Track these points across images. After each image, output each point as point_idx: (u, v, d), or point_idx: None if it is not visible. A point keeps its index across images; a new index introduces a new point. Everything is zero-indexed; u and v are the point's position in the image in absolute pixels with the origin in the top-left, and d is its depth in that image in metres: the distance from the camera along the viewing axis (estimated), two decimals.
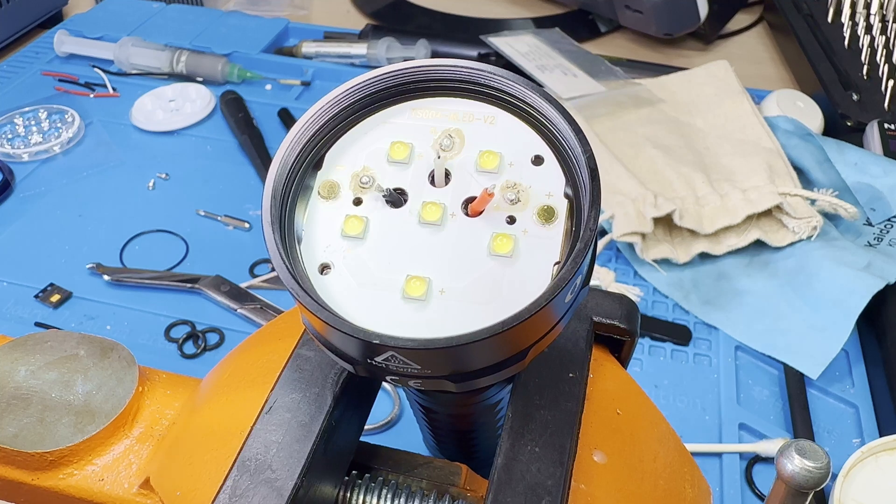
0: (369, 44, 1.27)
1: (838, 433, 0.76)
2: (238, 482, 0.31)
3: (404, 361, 0.25)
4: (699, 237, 0.89)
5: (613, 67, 1.17)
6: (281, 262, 0.26)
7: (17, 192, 1.04)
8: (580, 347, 0.36)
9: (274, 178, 0.27)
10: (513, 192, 0.27)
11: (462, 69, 0.28)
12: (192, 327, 0.85)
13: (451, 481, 0.39)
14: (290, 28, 1.38)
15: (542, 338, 0.27)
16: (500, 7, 1.51)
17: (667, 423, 0.38)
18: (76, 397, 0.40)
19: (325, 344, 0.28)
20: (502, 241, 0.27)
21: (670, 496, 0.35)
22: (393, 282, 0.27)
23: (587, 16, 1.44)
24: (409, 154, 0.28)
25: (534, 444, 0.32)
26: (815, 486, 0.34)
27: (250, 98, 1.19)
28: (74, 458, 0.39)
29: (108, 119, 1.17)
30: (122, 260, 0.94)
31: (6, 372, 0.41)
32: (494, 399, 0.39)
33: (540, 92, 0.27)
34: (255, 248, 0.95)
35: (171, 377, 0.43)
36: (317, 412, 0.34)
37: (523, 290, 0.26)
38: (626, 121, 1.03)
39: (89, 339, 0.43)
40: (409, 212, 0.28)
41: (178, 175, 1.07)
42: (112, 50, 1.25)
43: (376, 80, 0.29)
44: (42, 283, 0.89)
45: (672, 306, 0.88)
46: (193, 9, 1.44)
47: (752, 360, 0.83)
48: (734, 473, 0.72)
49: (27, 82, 1.25)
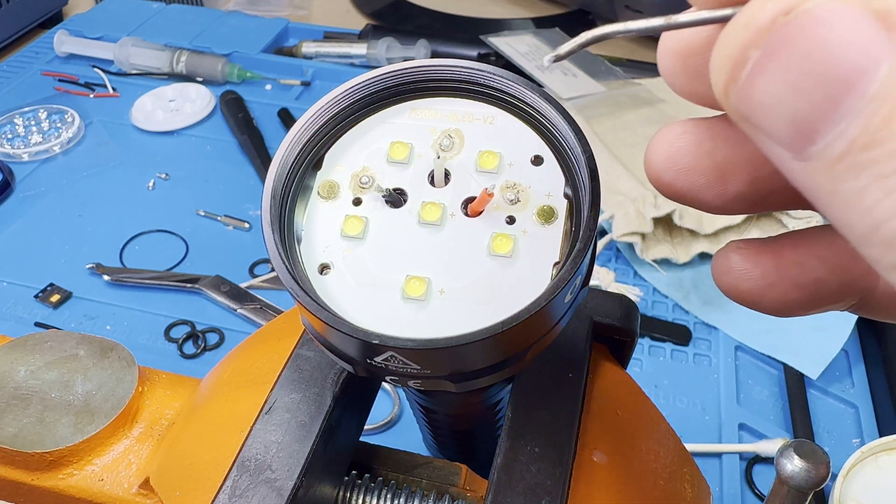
0: (369, 44, 1.27)
1: (838, 433, 0.76)
2: (238, 482, 0.31)
3: (404, 361, 0.25)
4: (699, 237, 0.89)
5: (613, 67, 1.17)
6: (280, 263, 0.26)
7: (17, 192, 1.04)
8: (580, 348, 0.36)
9: (273, 178, 0.27)
10: (512, 193, 0.27)
11: (462, 69, 0.28)
12: (192, 327, 0.85)
13: (451, 481, 0.39)
14: (290, 28, 1.38)
15: (542, 338, 0.27)
16: (500, 7, 1.51)
17: (667, 423, 0.38)
18: (76, 397, 0.40)
19: (324, 344, 0.28)
20: (502, 241, 0.27)
21: (670, 496, 0.35)
22: (392, 282, 0.27)
23: (587, 16, 1.44)
24: (408, 154, 0.28)
25: (534, 444, 0.32)
26: (815, 486, 0.34)
27: (250, 98, 1.19)
28: (74, 458, 0.39)
29: (108, 119, 1.17)
30: (122, 260, 0.94)
31: (6, 372, 0.41)
32: (494, 399, 0.39)
33: (540, 92, 0.27)
34: (255, 248, 0.95)
35: (170, 377, 0.43)
36: (316, 412, 0.34)
37: (523, 291, 0.26)
38: (626, 121, 1.03)
39: (89, 339, 0.43)
40: (409, 212, 0.28)
41: (178, 175, 1.07)
42: (112, 50, 1.25)
43: (376, 80, 0.29)
44: (42, 283, 0.89)
45: (672, 306, 0.88)
46: (193, 9, 1.44)
47: (752, 360, 0.83)
48: (734, 473, 0.72)
49: (27, 82, 1.25)
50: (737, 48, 0.17)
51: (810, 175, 0.17)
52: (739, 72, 0.17)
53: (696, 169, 0.22)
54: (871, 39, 0.15)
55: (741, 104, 0.17)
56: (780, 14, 0.16)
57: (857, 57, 0.15)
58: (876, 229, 0.16)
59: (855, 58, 0.16)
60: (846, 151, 0.16)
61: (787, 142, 0.17)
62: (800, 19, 0.16)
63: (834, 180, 0.16)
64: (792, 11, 0.16)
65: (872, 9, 0.15)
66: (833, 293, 0.22)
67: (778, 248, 0.23)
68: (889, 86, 0.15)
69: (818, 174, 0.17)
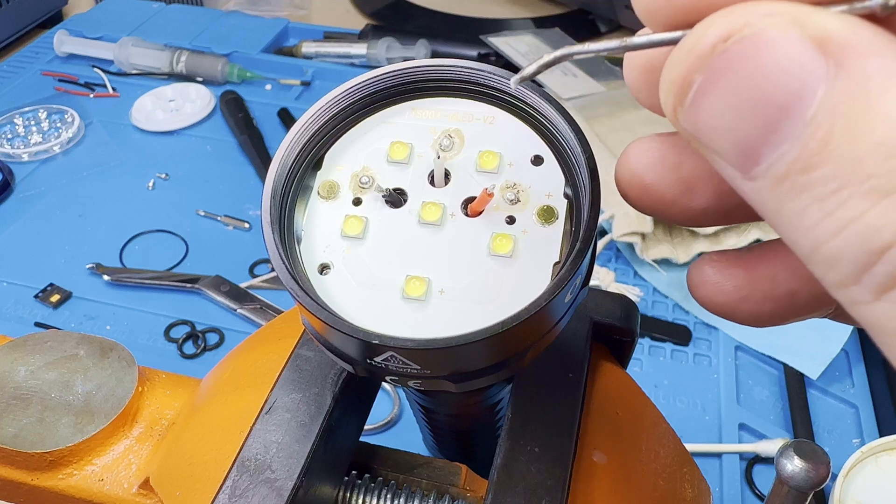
0: (369, 44, 1.27)
1: (838, 433, 0.76)
2: (238, 482, 0.31)
3: (404, 361, 0.25)
4: (699, 237, 0.89)
5: (613, 67, 1.17)
6: (280, 263, 0.26)
7: (17, 192, 1.04)
8: (580, 348, 0.36)
9: (273, 178, 0.27)
10: (512, 193, 0.27)
11: (462, 69, 0.28)
12: (191, 327, 0.85)
13: (451, 481, 0.38)
14: (290, 28, 1.38)
15: (542, 338, 0.27)
16: (500, 7, 1.51)
17: (666, 423, 0.38)
18: (76, 397, 0.40)
19: (324, 344, 0.28)
20: (502, 241, 0.27)
21: (670, 496, 0.35)
22: (392, 282, 0.27)
23: (587, 16, 1.44)
24: (408, 154, 0.28)
25: (534, 444, 0.32)
26: (815, 486, 0.34)
27: (250, 98, 1.19)
28: (74, 458, 0.39)
29: (108, 119, 1.17)
30: (122, 260, 0.94)
31: (6, 372, 0.41)
32: (494, 399, 0.39)
33: (540, 92, 0.27)
34: (255, 248, 0.95)
35: (170, 377, 0.43)
36: (316, 412, 0.33)
37: (523, 291, 0.26)
38: (626, 121, 1.03)
39: (89, 340, 0.43)
40: (409, 212, 0.28)
41: (178, 175, 1.07)
42: (112, 50, 1.25)
43: (376, 80, 0.29)
44: (42, 283, 0.89)
45: (672, 306, 0.88)
46: (193, 9, 1.44)
47: (752, 360, 0.83)
48: (734, 473, 0.71)
49: (27, 82, 1.25)
50: (681, 72, 0.17)
51: (757, 193, 0.17)
52: (685, 95, 0.17)
53: (662, 184, 0.22)
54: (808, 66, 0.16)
55: (689, 126, 0.18)
56: (720, 40, 0.17)
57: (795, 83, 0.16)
58: (817, 249, 0.16)
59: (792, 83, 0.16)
60: (786, 174, 0.16)
61: (734, 162, 0.17)
62: (739, 45, 0.16)
63: (778, 200, 0.17)
64: (731, 37, 0.16)
65: (810, 35, 0.16)
66: (807, 304, 0.23)
67: (751, 261, 0.23)
68: (825, 112, 0.15)
69: (764, 193, 0.17)
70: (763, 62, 0.16)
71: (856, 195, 0.15)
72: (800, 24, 0.16)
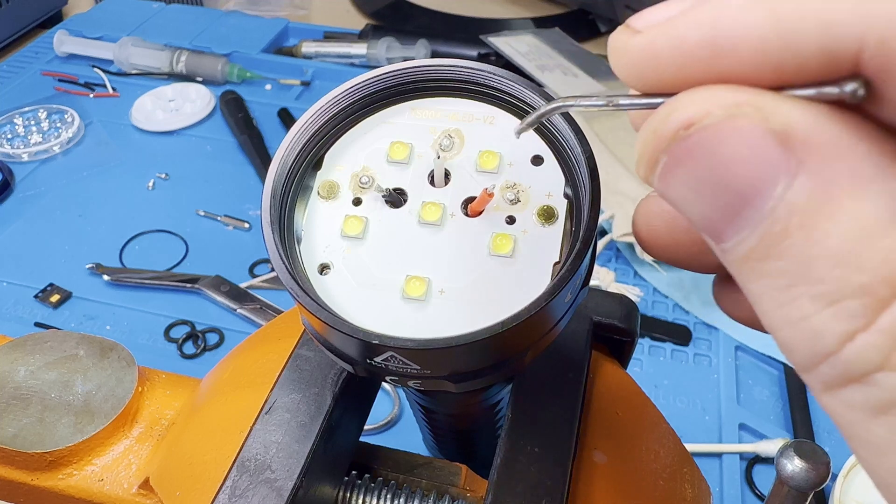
0: (369, 44, 1.27)
1: (838, 433, 0.76)
2: (238, 482, 0.31)
3: (404, 361, 0.25)
4: None
5: None
6: (280, 263, 0.26)
7: (17, 192, 1.04)
8: (580, 348, 0.36)
9: (273, 178, 0.27)
10: (512, 193, 0.27)
11: (462, 69, 0.28)
12: (191, 327, 0.85)
13: (451, 481, 0.38)
14: (290, 28, 1.38)
15: (542, 338, 0.27)
16: (500, 7, 1.51)
17: (667, 423, 0.38)
18: (76, 397, 0.40)
19: (324, 344, 0.28)
20: (502, 241, 0.27)
21: (670, 496, 0.35)
22: (392, 282, 0.27)
23: (587, 16, 1.44)
24: (408, 154, 0.28)
25: (534, 444, 0.32)
26: (815, 486, 0.34)
27: (250, 98, 1.19)
28: (74, 458, 0.39)
29: (108, 119, 1.17)
30: (122, 260, 0.94)
31: (6, 372, 0.41)
32: (494, 399, 0.39)
33: (540, 92, 0.27)
34: (255, 248, 0.95)
35: (170, 377, 0.43)
36: (316, 412, 0.33)
37: (523, 291, 0.26)
38: (626, 121, 1.03)
39: (89, 340, 0.43)
40: (409, 212, 0.28)
41: (178, 175, 1.07)
42: (112, 50, 1.25)
43: (376, 80, 0.29)
44: (42, 283, 0.89)
45: (672, 306, 0.88)
46: (193, 9, 1.44)
47: (752, 360, 0.83)
48: (734, 473, 0.71)
49: (27, 82, 1.25)
50: (649, 149, 0.18)
51: (727, 263, 0.17)
52: (653, 170, 0.18)
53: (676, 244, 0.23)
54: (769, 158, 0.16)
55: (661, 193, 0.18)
56: (682, 126, 0.17)
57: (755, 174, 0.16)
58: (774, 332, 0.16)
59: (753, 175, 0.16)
60: (747, 257, 0.16)
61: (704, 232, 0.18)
62: (700, 134, 0.16)
63: (743, 276, 0.17)
64: (693, 126, 0.16)
65: (773, 128, 0.16)
66: None
67: None
68: (783, 208, 0.16)
69: (732, 267, 0.17)
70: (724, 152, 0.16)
71: (805, 296, 0.15)
72: (763, 115, 0.16)
